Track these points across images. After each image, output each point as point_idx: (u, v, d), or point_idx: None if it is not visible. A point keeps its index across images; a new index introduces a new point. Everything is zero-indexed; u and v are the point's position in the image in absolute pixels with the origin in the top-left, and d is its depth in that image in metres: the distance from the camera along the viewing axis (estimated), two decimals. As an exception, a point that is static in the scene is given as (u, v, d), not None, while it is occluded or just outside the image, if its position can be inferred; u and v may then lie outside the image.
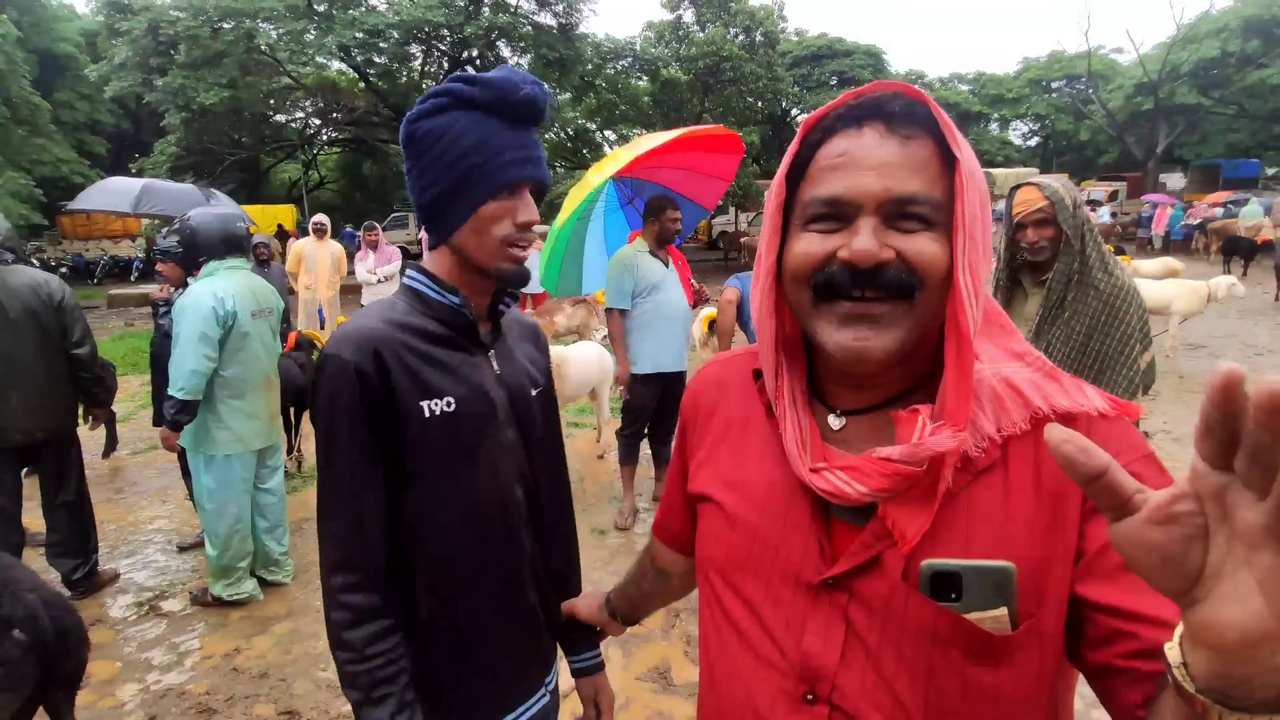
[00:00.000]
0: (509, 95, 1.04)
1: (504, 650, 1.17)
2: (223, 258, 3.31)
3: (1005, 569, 0.60)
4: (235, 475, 3.31)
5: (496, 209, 1.07)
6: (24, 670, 1.84)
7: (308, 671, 2.93)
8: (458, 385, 1.09)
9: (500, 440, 1.14)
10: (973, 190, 0.64)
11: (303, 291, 8.03)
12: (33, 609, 1.89)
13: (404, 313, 1.10)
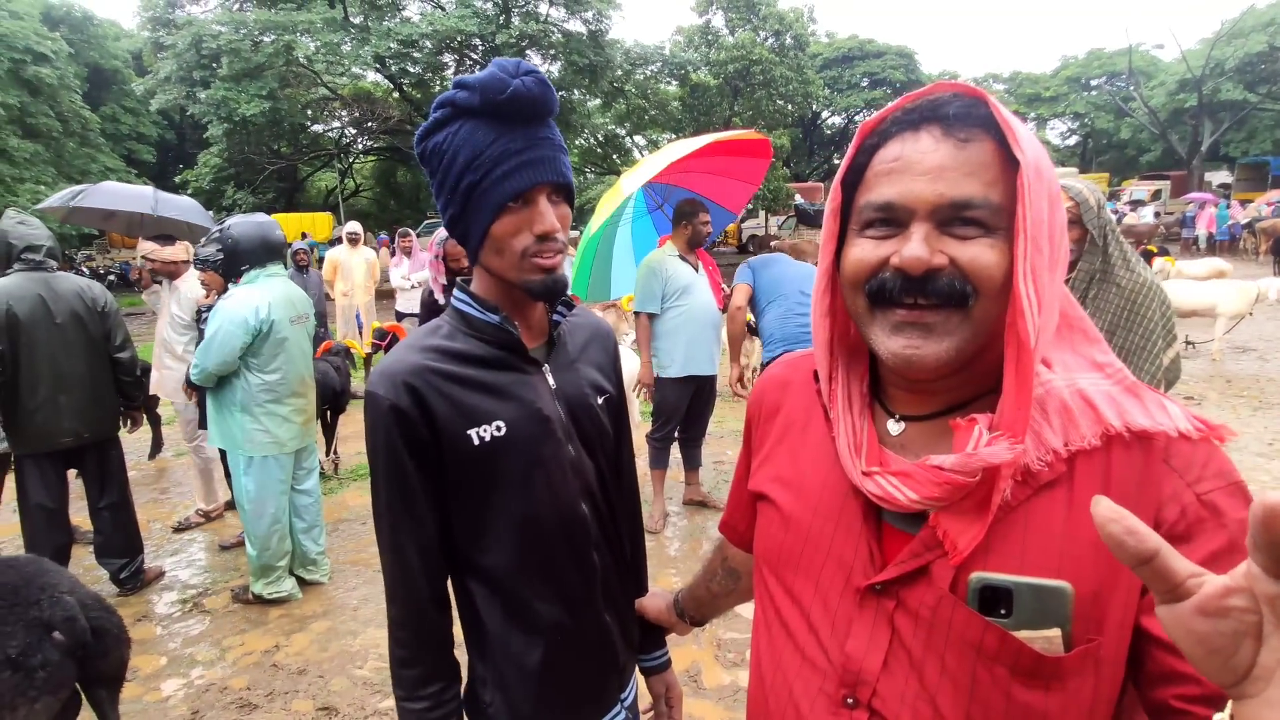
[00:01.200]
0: (496, 96, 0.94)
1: (577, 670, 1.13)
2: (263, 265, 3.40)
3: (1061, 589, 0.58)
4: (273, 476, 3.40)
5: (509, 224, 0.99)
6: (63, 673, 1.91)
7: (344, 669, 2.98)
8: (508, 407, 1.04)
9: (561, 459, 1.08)
10: (1039, 192, 0.61)
11: (340, 298, 8.22)
12: (70, 611, 1.96)
13: (447, 336, 1.06)
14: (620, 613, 1.20)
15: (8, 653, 1.83)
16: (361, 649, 3.12)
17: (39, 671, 1.85)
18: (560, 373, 1.12)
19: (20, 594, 1.93)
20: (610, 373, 1.22)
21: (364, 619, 3.37)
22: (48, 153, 15.55)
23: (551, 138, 1.01)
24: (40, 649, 1.87)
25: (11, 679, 1.82)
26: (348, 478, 5.30)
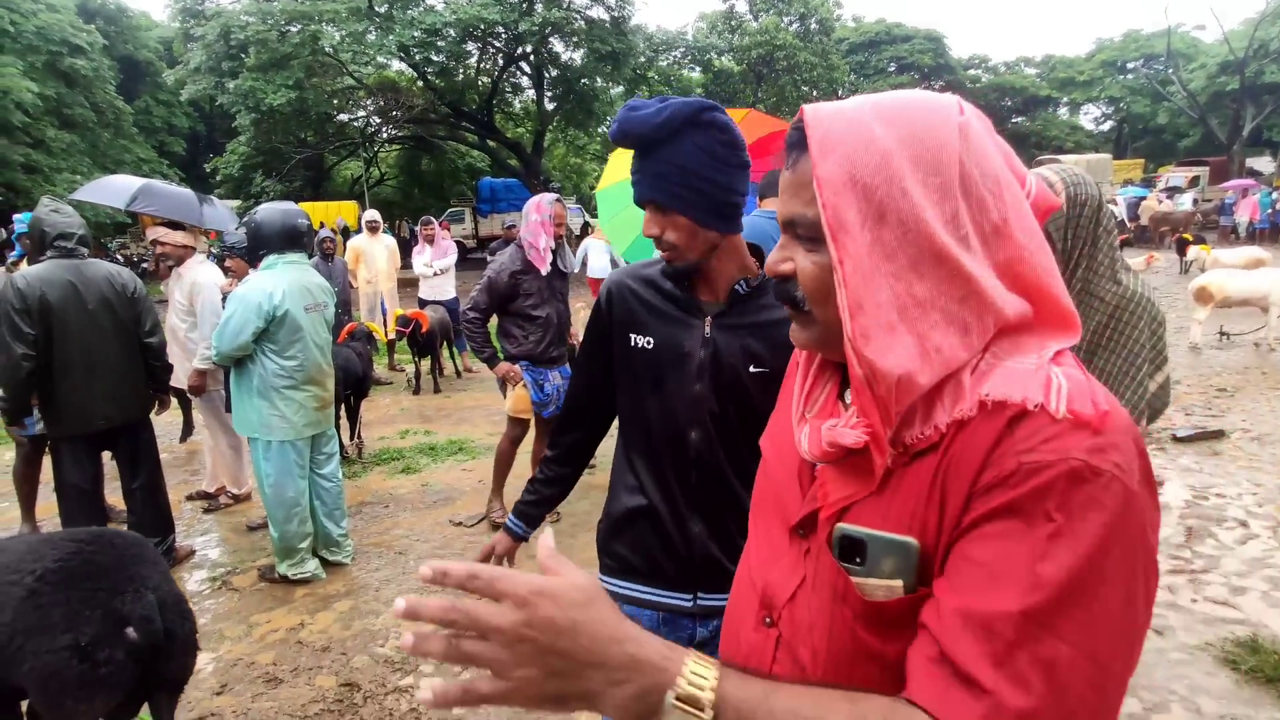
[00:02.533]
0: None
1: (645, 541, 1.45)
2: (282, 252, 3.46)
3: (906, 544, 0.65)
4: (290, 460, 3.47)
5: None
6: (124, 674, 1.89)
7: (366, 646, 3.05)
8: (662, 332, 1.40)
9: (684, 388, 1.38)
10: (842, 199, 0.65)
11: (363, 285, 8.31)
12: (149, 611, 1.94)
13: (659, 269, 1.43)
14: (717, 534, 1.42)
15: (79, 639, 1.81)
16: (383, 628, 3.19)
17: (103, 667, 1.84)
18: (721, 329, 1.38)
19: (108, 579, 1.92)
20: (786, 354, 1.36)
21: (385, 599, 3.44)
22: (83, 143, 15.90)
23: (655, 162, 1.28)
24: (110, 643, 1.85)
25: (76, 668, 1.80)
26: (371, 462, 5.39)
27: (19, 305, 3.24)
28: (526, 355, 3.95)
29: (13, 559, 1.92)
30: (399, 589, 3.53)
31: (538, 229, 3.82)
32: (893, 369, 0.64)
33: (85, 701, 1.85)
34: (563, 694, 0.56)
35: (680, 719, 0.56)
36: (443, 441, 5.78)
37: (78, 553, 1.94)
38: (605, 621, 0.58)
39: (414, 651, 0.55)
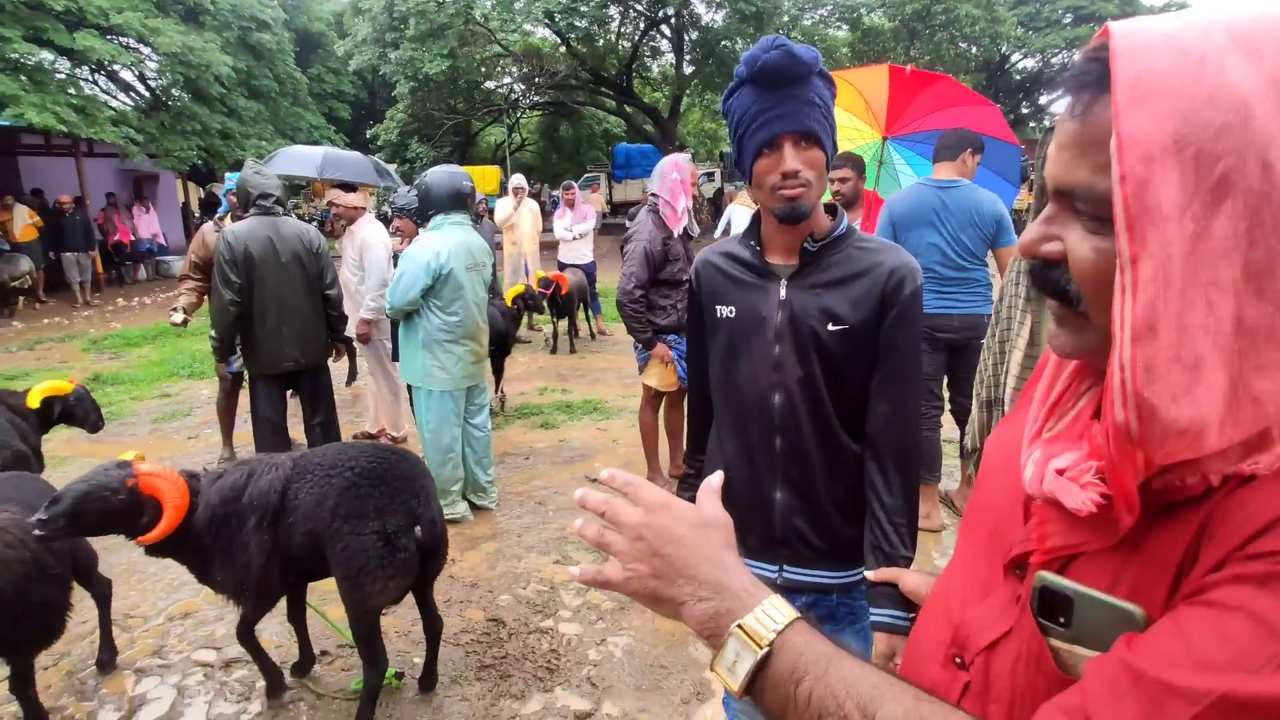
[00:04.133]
0: (752, 66, 1.25)
1: (729, 509, 1.43)
2: (449, 212, 3.67)
3: (1130, 613, 0.52)
4: (448, 409, 3.72)
5: (763, 165, 1.31)
6: (414, 563, 2.27)
7: (510, 587, 3.26)
8: (741, 299, 1.44)
9: (764, 352, 1.40)
10: (1158, 171, 0.47)
11: (508, 248, 8.69)
12: (434, 515, 2.34)
13: (737, 241, 1.49)
14: (803, 506, 1.43)
15: (386, 526, 2.18)
16: (525, 572, 3.39)
17: (400, 553, 2.20)
18: (795, 289, 1.39)
19: (408, 484, 2.30)
20: (865, 309, 1.36)
21: (527, 545, 3.64)
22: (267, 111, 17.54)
23: (801, 95, 1.26)
24: (406, 535, 2.22)
25: (381, 549, 2.17)
26: (513, 415, 5.68)
27: (228, 256, 3.65)
28: (674, 327, 3.94)
29: (334, 458, 2.33)
30: (539, 536, 3.73)
31: (677, 188, 3.79)
32: (1179, 420, 0.48)
33: (382, 581, 2.20)
34: (657, 595, 0.63)
35: (737, 646, 0.59)
36: (578, 400, 5.99)
37: (385, 459, 2.33)
38: (709, 544, 0.64)
39: (580, 531, 0.68)
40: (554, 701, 2.54)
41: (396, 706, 2.54)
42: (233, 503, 2.23)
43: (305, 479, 2.29)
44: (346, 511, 2.20)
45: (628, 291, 3.76)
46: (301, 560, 2.31)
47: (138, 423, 5.78)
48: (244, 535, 2.22)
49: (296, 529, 2.25)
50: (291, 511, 2.26)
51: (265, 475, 2.30)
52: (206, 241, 4.53)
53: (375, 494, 2.24)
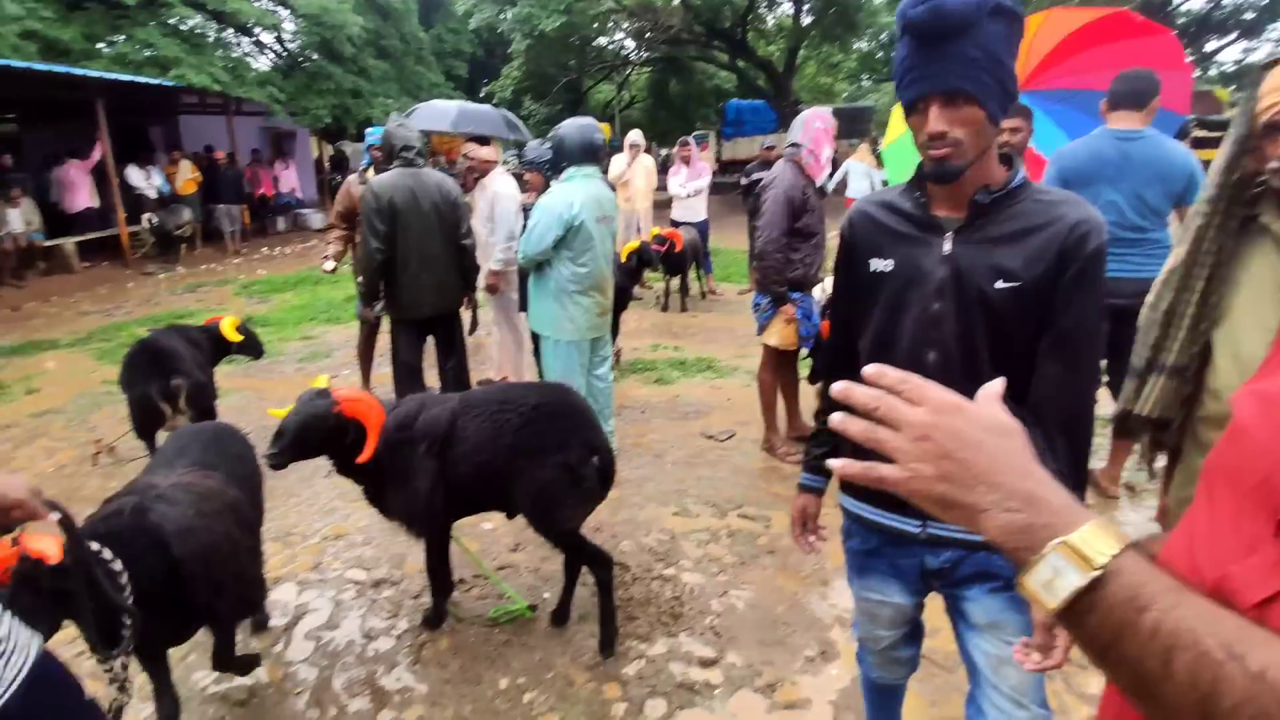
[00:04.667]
0: (901, 21, 1.21)
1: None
2: (580, 164, 3.70)
3: None
4: (574, 359, 3.80)
5: (913, 123, 1.29)
6: (595, 491, 2.43)
7: (632, 534, 3.34)
8: (900, 253, 1.37)
9: (924, 308, 1.34)
10: None
11: (621, 204, 8.71)
12: (607, 444, 2.46)
13: (895, 191, 1.44)
14: None
15: (568, 459, 2.32)
16: (646, 521, 3.47)
17: (584, 482, 2.35)
18: (962, 244, 1.32)
19: (582, 417, 2.44)
20: (1040, 265, 1.27)
21: (647, 495, 3.72)
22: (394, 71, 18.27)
23: (956, 51, 1.18)
24: (586, 465, 2.36)
25: (565, 480, 2.31)
26: (627, 370, 5.76)
27: (374, 206, 3.85)
28: (799, 282, 3.85)
29: (503, 396, 2.49)
30: (658, 488, 3.79)
31: (821, 137, 3.67)
32: None
33: (570, 509, 2.38)
34: (949, 499, 0.60)
35: (1057, 563, 0.55)
36: (691, 358, 6.00)
37: (555, 394, 2.47)
38: (1016, 453, 0.61)
39: (838, 426, 0.65)
40: (678, 646, 2.60)
41: (530, 635, 2.68)
42: (405, 429, 2.39)
43: (473, 414, 2.43)
44: (527, 447, 2.33)
45: (773, 240, 3.68)
46: (470, 491, 2.45)
47: (285, 362, 6.29)
48: (414, 461, 2.37)
49: (466, 460, 2.38)
50: (460, 442, 2.38)
51: (435, 407, 2.46)
52: (351, 193, 4.79)
53: (553, 428, 2.36)
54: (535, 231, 3.60)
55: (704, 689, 2.39)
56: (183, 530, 1.76)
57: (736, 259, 9.85)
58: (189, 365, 3.62)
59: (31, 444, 4.62)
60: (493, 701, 2.36)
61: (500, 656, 2.57)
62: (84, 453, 4.35)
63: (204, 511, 1.88)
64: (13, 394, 5.56)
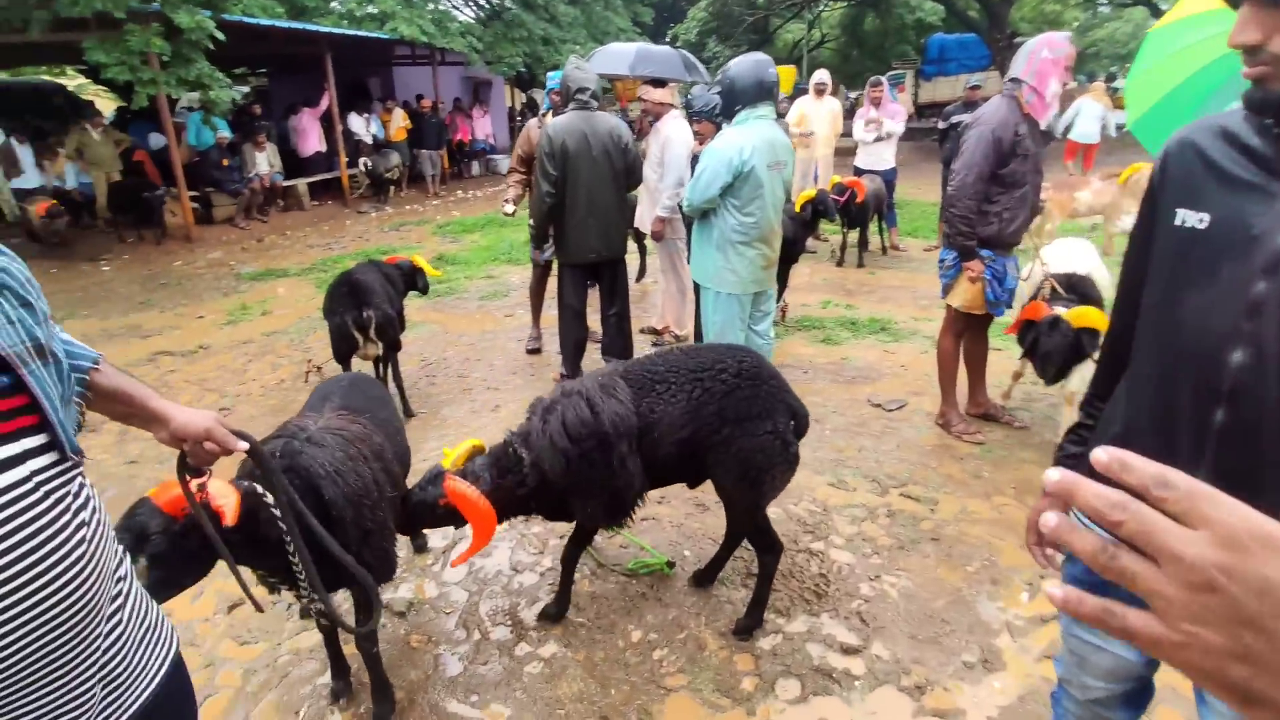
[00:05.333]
0: None
1: None
2: (754, 105, 3.45)
3: None
4: (734, 313, 3.64)
5: None
6: (798, 456, 2.32)
7: (781, 502, 3.18)
8: (1222, 204, 1.00)
9: (1238, 286, 0.97)
10: None
11: (801, 151, 8.21)
12: (805, 408, 2.35)
13: (1240, 116, 1.02)
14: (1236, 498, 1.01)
15: (777, 425, 2.21)
16: (797, 489, 3.29)
17: (791, 448, 2.26)
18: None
19: (780, 380, 2.33)
20: None
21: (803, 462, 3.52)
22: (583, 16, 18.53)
23: None
24: (789, 430, 2.26)
25: (778, 447, 2.22)
26: (792, 327, 5.49)
27: (547, 150, 3.89)
28: (992, 240, 3.39)
29: (690, 365, 2.26)
30: (814, 455, 3.58)
31: (1047, 69, 3.12)
32: None
33: (779, 476, 2.29)
34: (1252, 691, 0.38)
35: None
36: (864, 318, 5.59)
37: (750, 359, 2.30)
38: None
39: (1054, 534, 0.43)
40: (819, 627, 2.45)
41: (666, 591, 2.66)
42: (588, 438, 2.12)
43: (656, 391, 2.22)
44: (735, 415, 2.18)
45: (967, 185, 3.25)
46: (663, 471, 2.29)
47: (468, 298, 6.72)
48: (614, 462, 2.13)
49: (665, 441, 2.19)
50: (654, 426, 2.18)
51: (608, 400, 2.16)
52: (530, 137, 4.89)
53: (759, 394, 2.22)
54: (702, 178, 3.44)
55: (843, 678, 2.23)
56: (332, 473, 1.78)
57: (925, 212, 9.01)
58: (380, 299, 3.93)
59: (261, 359, 5.33)
60: (623, 652, 2.37)
61: (635, 609, 2.57)
62: (299, 370, 4.95)
63: (352, 456, 1.88)
64: (251, 314, 6.45)
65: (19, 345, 0.84)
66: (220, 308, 6.60)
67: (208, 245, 9.39)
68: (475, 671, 2.31)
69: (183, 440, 1.15)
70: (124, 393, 1.12)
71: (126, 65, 7.66)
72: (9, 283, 0.87)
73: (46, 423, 0.87)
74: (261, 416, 4.23)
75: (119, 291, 7.26)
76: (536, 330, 5.30)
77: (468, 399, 4.46)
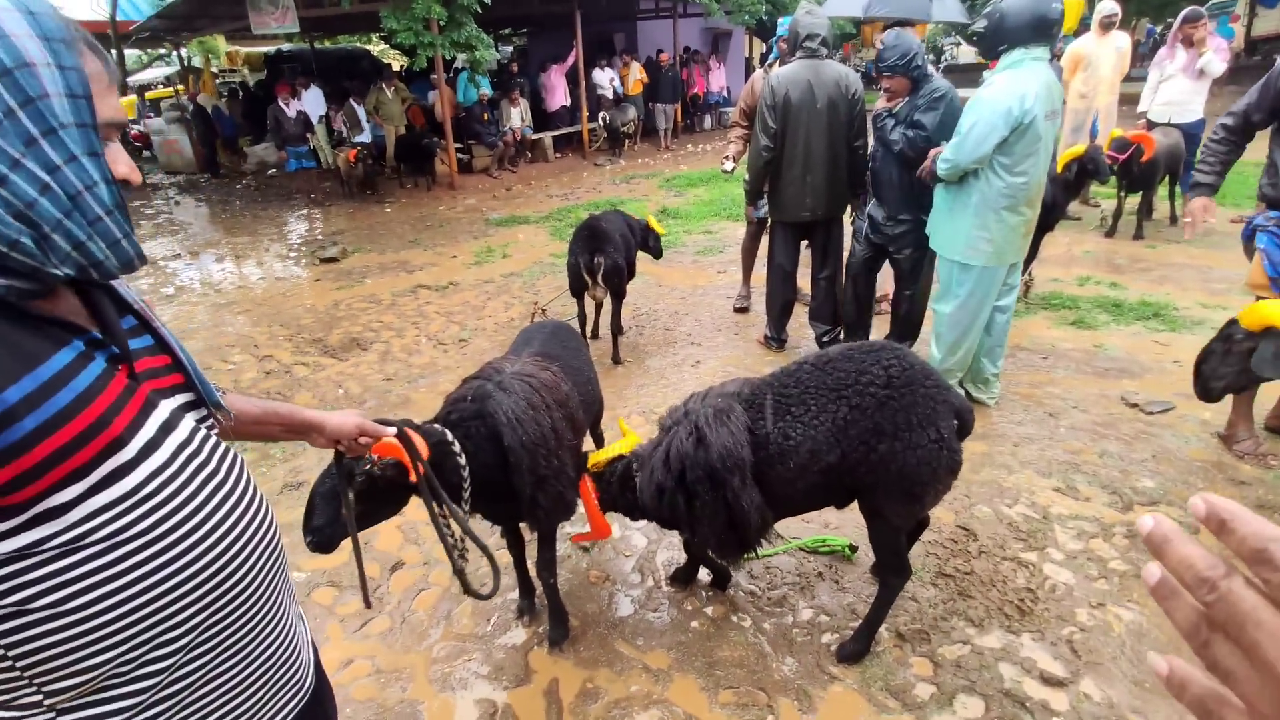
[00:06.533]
0: None
1: None
2: (1028, 45, 2.97)
3: None
4: (986, 289, 3.24)
5: None
6: (960, 459, 2.00)
7: (991, 500, 2.86)
8: None
9: None
10: None
11: (1074, 100, 7.01)
12: (968, 405, 2.04)
13: None
14: None
15: (941, 431, 1.92)
16: (1014, 488, 2.93)
17: (956, 454, 1.96)
18: None
19: (936, 376, 1.99)
20: None
21: (1023, 459, 3.12)
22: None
23: None
24: (953, 433, 1.96)
25: (944, 455, 1.92)
26: (1036, 304, 4.82)
27: (769, 101, 3.73)
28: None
29: (843, 377, 1.98)
30: (1040, 452, 3.15)
31: None
32: None
33: (943, 486, 2.01)
34: None
35: None
36: (1133, 300, 4.73)
37: (894, 361, 1.98)
38: None
39: (1153, 594, 0.37)
40: (1017, 647, 2.18)
41: (845, 576, 2.53)
42: (692, 471, 1.97)
43: (792, 414, 1.98)
44: (893, 429, 1.91)
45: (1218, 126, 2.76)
46: (810, 498, 2.10)
47: (684, 253, 6.81)
48: (727, 497, 1.95)
49: (807, 470, 1.96)
50: (790, 455, 1.95)
51: (719, 429, 1.96)
52: (755, 88, 4.72)
53: (916, 400, 1.93)
54: (974, 133, 2.98)
55: (1038, 710, 1.97)
56: (513, 420, 1.88)
57: (1242, 174, 7.26)
58: (612, 248, 4.15)
59: (498, 298, 5.90)
60: (791, 629, 2.31)
61: (810, 587, 2.48)
62: (527, 310, 5.40)
63: (535, 404, 1.92)
64: (494, 257, 7.14)
65: (140, 302, 0.89)
66: (470, 249, 7.39)
67: (466, 192, 10.51)
68: (644, 616, 2.41)
69: (338, 440, 1.25)
70: (273, 412, 1.17)
71: (412, 30, 8.69)
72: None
73: (190, 381, 0.90)
74: (491, 350, 4.70)
75: (395, 231, 8.44)
76: (746, 289, 5.23)
77: (672, 352, 4.55)
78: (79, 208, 0.71)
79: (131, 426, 0.76)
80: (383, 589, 2.60)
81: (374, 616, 2.46)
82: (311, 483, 1.72)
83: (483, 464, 1.86)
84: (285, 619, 0.99)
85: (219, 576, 0.84)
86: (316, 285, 6.46)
